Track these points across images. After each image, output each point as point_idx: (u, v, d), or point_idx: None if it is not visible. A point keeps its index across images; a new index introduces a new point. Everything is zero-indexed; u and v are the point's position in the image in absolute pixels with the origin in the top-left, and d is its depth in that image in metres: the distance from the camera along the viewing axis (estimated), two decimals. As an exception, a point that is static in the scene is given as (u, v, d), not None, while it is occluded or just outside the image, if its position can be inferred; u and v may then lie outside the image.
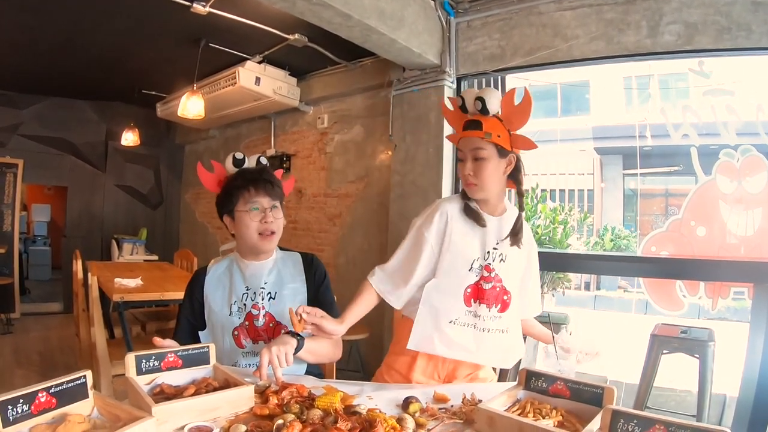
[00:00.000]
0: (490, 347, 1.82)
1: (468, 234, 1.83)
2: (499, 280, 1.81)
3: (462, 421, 1.32)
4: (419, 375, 1.85)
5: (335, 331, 1.69)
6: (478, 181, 1.78)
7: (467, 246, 1.83)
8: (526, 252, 1.91)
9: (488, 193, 1.82)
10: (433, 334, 1.81)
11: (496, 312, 1.81)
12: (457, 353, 1.82)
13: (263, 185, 1.89)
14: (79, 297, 4.22)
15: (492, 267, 1.81)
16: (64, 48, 5.10)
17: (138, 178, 8.35)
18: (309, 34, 4.36)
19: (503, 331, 1.83)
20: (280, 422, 1.15)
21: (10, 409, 1.06)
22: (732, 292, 3.18)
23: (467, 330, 1.81)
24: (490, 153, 1.76)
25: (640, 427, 1.06)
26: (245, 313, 1.89)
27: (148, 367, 1.43)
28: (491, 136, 1.74)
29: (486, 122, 1.75)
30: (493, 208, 1.86)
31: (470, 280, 1.81)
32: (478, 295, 1.81)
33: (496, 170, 1.78)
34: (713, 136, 3.22)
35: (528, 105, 1.73)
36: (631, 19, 3.31)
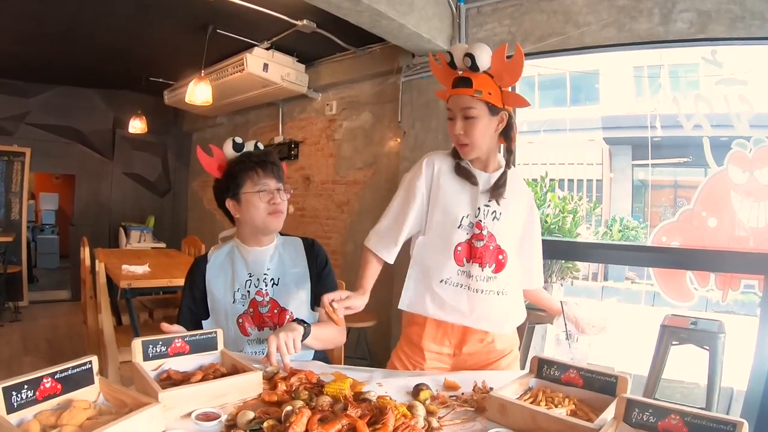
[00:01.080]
0: (484, 310, 1.77)
1: (457, 190, 1.80)
2: (492, 238, 1.76)
3: (473, 408, 1.30)
4: (429, 343, 1.82)
5: (362, 305, 1.67)
6: (469, 141, 1.73)
7: (456, 202, 1.79)
8: (524, 213, 1.86)
9: (479, 151, 1.77)
10: (425, 294, 1.79)
11: (490, 272, 1.76)
12: (450, 315, 1.78)
13: (270, 167, 1.89)
14: (87, 284, 4.24)
15: (483, 224, 1.76)
16: (70, 36, 5.09)
17: (146, 166, 8.37)
18: (317, 20, 4.33)
19: (499, 292, 1.77)
20: (288, 409, 1.13)
21: (14, 395, 1.04)
22: (742, 285, 3.15)
23: (460, 291, 1.76)
24: (481, 111, 1.71)
25: (656, 416, 1.04)
26: (249, 300, 1.88)
27: (155, 352, 1.41)
28: (482, 93, 1.69)
29: (476, 79, 1.70)
30: (485, 165, 1.83)
31: (460, 237, 1.76)
32: (470, 254, 1.76)
33: (488, 128, 1.74)
34: (726, 127, 3.18)
35: (520, 60, 1.68)
36: (644, 6, 3.27)
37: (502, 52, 1.71)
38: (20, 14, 4.51)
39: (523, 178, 2.01)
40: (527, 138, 7.33)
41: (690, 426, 1.00)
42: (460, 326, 1.80)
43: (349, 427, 1.07)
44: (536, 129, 7.73)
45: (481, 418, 1.25)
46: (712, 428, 0.98)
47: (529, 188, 1.91)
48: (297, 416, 1.08)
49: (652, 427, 1.04)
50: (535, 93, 8.08)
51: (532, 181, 4.44)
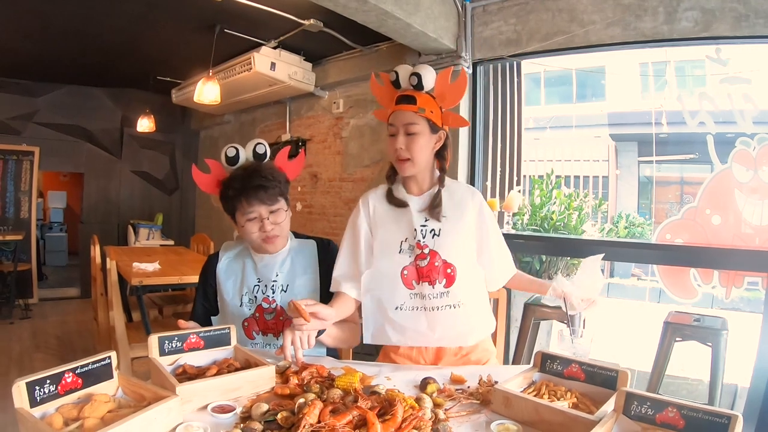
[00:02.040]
0: (445, 326, 1.78)
1: (391, 217, 1.85)
2: (435, 255, 1.77)
3: (478, 401, 1.34)
4: (405, 360, 1.86)
5: (330, 316, 1.65)
6: (410, 155, 1.76)
7: (392, 229, 1.83)
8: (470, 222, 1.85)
9: (419, 168, 1.80)
10: (384, 324, 1.82)
11: (442, 288, 1.76)
12: (411, 339, 1.81)
13: (255, 193, 1.79)
14: (98, 281, 4.29)
15: (424, 243, 1.77)
16: (78, 36, 5.13)
17: (154, 164, 8.42)
18: (324, 19, 4.35)
19: (454, 306, 1.77)
20: (301, 401, 1.18)
21: (37, 389, 1.09)
22: (746, 282, 3.16)
23: (416, 313, 1.78)
24: (423, 128, 1.76)
25: (653, 409, 1.07)
26: (256, 305, 1.89)
27: (170, 348, 1.46)
28: (425, 111, 1.75)
29: (419, 98, 1.77)
30: (419, 186, 1.86)
31: (404, 261, 1.79)
32: (417, 275, 1.78)
33: (428, 145, 1.78)
34: (729, 124, 3.19)
35: (463, 84, 1.79)
36: (648, 5, 3.28)
37: (446, 75, 1.81)
38: (28, 14, 4.55)
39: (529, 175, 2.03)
40: (533, 135, 7.36)
41: (686, 418, 1.03)
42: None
43: (359, 419, 1.11)
44: (542, 126, 7.73)
45: (486, 410, 1.29)
46: (707, 420, 1.01)
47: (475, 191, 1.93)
48: (309, 408, 1.12)
49: (650, 420, 1.07)
50: (541, 90, 8.08)
51: (538, 177, 4.45)
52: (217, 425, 1.16)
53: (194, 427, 1.13)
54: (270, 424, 1.13)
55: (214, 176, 1.92)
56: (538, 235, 3.97)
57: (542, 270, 4.25)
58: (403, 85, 1.81)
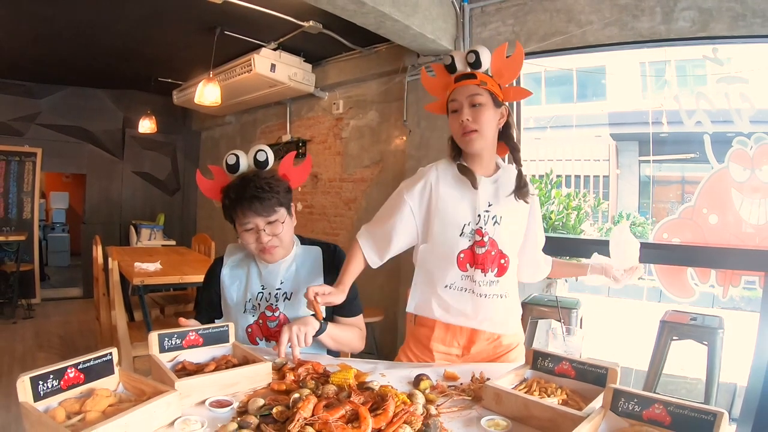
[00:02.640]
0: (488, 312, 1.79)
1: (456, 198, 1.80)
2: (494, 244, 1.77)
3: (470, 398, 1.36)
4: (438, 344, 1.84)
5: (341, 300, 1.68)
6: (477, 126, 1.73)
7: (456, 210, 1.79)
8: (526, 212, 1.86)
9: (486, 142, 1.77)
10: (431, 298, 1.81)
11: (493, 276, 1.77)
12: (455, 318, 1.80)
13: (249, 204, 1.75)
14: (100, 281, 4.31)
15: (485, 231, 1.76)
16: (80, 38, 5.17)
17: (155, 165, 8.46)
18: (323, 20, 4.39)
19: (501, 296, 1.79)
20: (296, 396, 1.21)
21: (41, 384, 1.12)
22: (743, 281, 3.17)
23: (464, 294, 1.78)
24: (487, 99, 1.73)
25: (640, 406, 1.09)
26: (259, 313, 1.88)
27: (170, 345, 1.49)
28: (487, 84, 1.73)
29: (478, 74, 1.75)
30: (485, 168, 1.83)
31: (463, 245, 1.77)
32: (473, 260, 1.77)
33: (493, 119, 1.76)
34: (727, 123, 3.20)
35: (520, 57, 1.76)
36: (646, 5, 3.30)
37: (502, 51, 1.79)
38: (31, 16, 4.59)
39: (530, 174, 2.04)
40: (534, 134, 7.34)
41: (673, 415, 1.05)
42: (468, 328, 1.82)
43: (352, 413, 1.14)
44: (543, 125, 7.73)
45: (478, 406, 1.31)
46: (693, 417, 1.02)
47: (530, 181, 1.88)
48: (304, 402, 1.15)
49: (637, 416, 1.09)
50: (541, 89, 8.08)
51: (538, 178, 4.47)
52: (215, 419, 1.18)
53: (192, 420, 1.15)
54: (265, 418, 1.16)
55: (218, 182, 1.89)
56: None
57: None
58: (459, 67, 1.80)
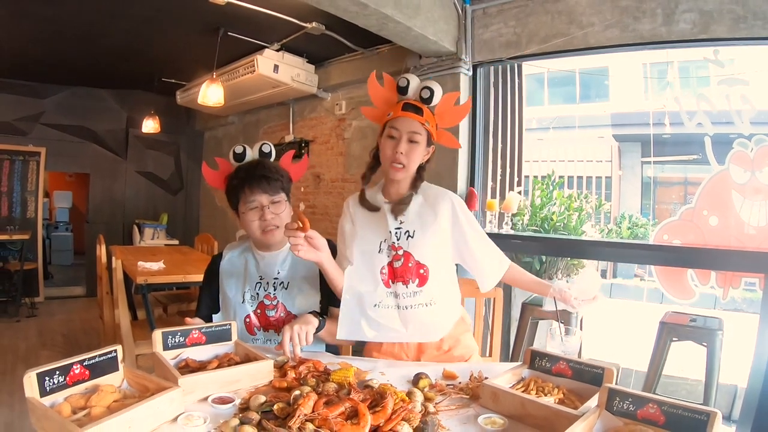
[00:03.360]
0: (417, 323, 1.84)
1: (370, 219, 1.92)
2: (409, 257, 1.85)
3: (468, 396, 1.39)
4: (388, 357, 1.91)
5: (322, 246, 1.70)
6: (407, 162, 1.81)
7: (371, 229, 1.90)
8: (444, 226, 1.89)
9: (408, 175, 1.87)
10: (360, 320, 1.85)
11: (415, 287, 1.84)
12: (386, 335, 1.86)
13: (258, 182, 1.89)
14: (103, 280, 4.34)
15: (398, 245, 1.85)
16: (84, 38, 5.19)
17: (158, 165, 8.50)
18: (326, 22, 4.41)
19: (426, 304, 1.85)
20: (297, 393, 1.23)
21: (47, 380, 1.15)
22: (743, 283, 3.18)
23: (391, 311, 1.85)
24: (423, 139, 1.83)
25: (635, 405, 1.11)
26: (258, 302, 1.95)
27: (173, 342, 1.52)
28: (429, 124, 1.84)
29: (425, 110, 1.84)
30: (398, 191, 1.91)
31: (383, 261, 1.86)
32: (393, 275, 1.85)
33: (421, 156, 1.86)
34: (727, 125, 3.20)
35: (465, 110, 1.91)
36: (647, 7, 3.31)
37: (453, 97, 1.92)
38: (35, 17, 4.61)
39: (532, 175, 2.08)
40: (536, 135, 7.35)
41: (666, 414, 1.06)
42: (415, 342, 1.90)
43: (351, 410, 1.16)
44: (545, 126, 7.73)
45: (475, 404, 1.34)
46: (687, 417, 1.04)
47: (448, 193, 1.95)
48: (304, 399, 1.18)
49: (631, 415, 1.11)
50: (544, 90, 8.08)
51: (540, 179, 4.48)
52: (217, 415, 1.21)
53: (195, 416, 1.18)
54: (267, 414, 1.19)
55: (222, 172, 2.04)
56: (537, 235, 4.00)
57: (542, 270, 4.29)
58: (410, 94, 1.88)
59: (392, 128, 1.84)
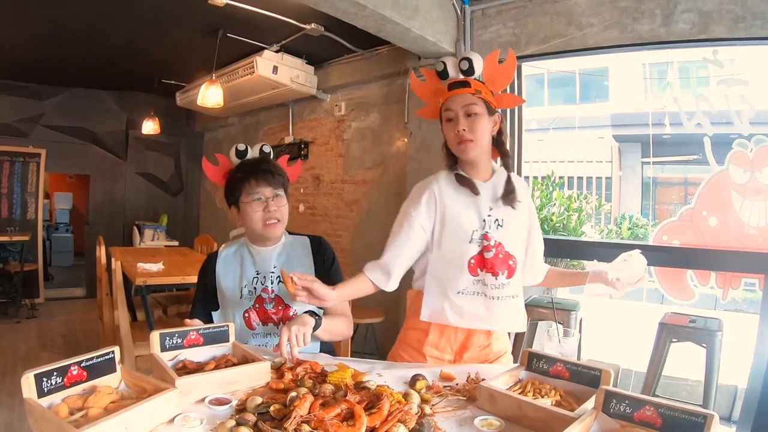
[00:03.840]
0: (502, 313, 1.80)
1: (461, 206, 1.82)
2: (500, 247, 1.79)
3: (465, 398, 1.38)
4: (431, 349, 1.86)
5: (326, 295, 1.66)
6: (473, 136, 1.75)
7: (463, 218, 1.81)
8: (525, 213, 1.88)
9: (481, 150, 1.80)
10: (444, 304, 1.81)
11: (504, 279, 1.79)
12: (470, 322, 1.81)
13: (263, 175, 1.93)
14: (103, 281, 4.34)
15: (490, 235, 1.78)
16: (84, 40, 5.20)
17: (158, 166, 8.51)
18: (325, 23, 4.41)
19: (513, 296, 1.82)
20: (293, 394, 1.23)
21: (44, 381, 1.15)
22: (743, 283, 3.17)
23: (477, 298, 1.79)
24: (482, 109, 1.75)
25: (632, 407, 1.10)
26: (256, 297, 1.96)
27: (171, 344, 1.52)
28: (481, 93, 1.75)
29: (472, 83, 1.77)
30: (483, 173, 1.86)
31: (473, 251, 1.79)
32: (483, 265, 1.78)
33: (488, 127, 1.78)
34: (727, 125, 3.20)
35: (512, 64, 1.76)
36: (646, 8, 3.31)
37: (494, 57, 1.80)
38: (35, 18, 4.62)
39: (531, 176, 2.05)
40: (536, 136, 7.35)
41: (663, 417, 1.05)
42: (464, 333, 1.84)
43: (347, 411, 1.16)
44: (545, 127, 7.74)
45: (472, 406, 1.33)
46: (684, 419, 1.03)
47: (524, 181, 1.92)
48: (301, 401, 1.18)
49: (628, 417, 1.10)
50: (544, 91, 8.07)
51: (540, 179, 4.49)
52: (214, 416, 1.21)
53: (191, 417, 1.18)
54: (263, 415, 1.18)
55: (222, 168, 2.07)
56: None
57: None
58: (451, 74, 1.81)
59: (447, 110, 1.81)
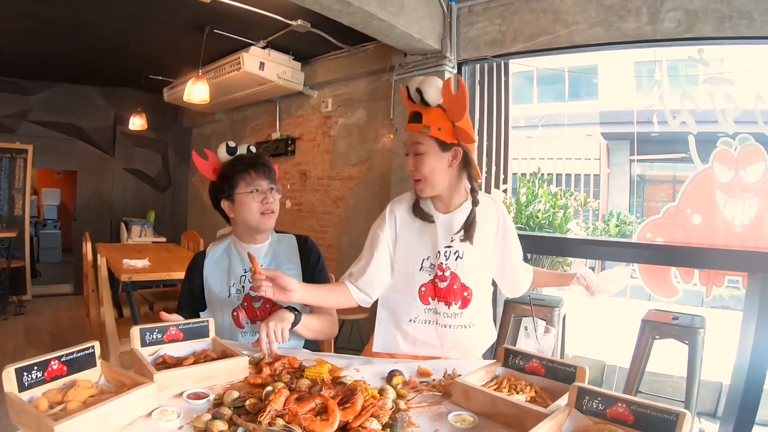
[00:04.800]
0: (454, 342, 1.81)
1: (416, 233, 1.81)
2: (456, 278, 1.77)
3: (441, 393, 1.40)
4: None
5: (290, 284, 1.62)
6: (421, 177, 1.73)
7: (416, 245, 1.80)
8: (493, 238, 1.84)
9: (436, 189, 1.76)
10: (396, 334, 1.85)
11: (456, 309, 1.78)
12: (422, 349, 1.83)
13: (262, 168, 2.00)
14: (89, 278, 4.33)
15: (446, 266, 1.76)
16: (71, 35, 5.16)
17: (146, 162, 8.46)
18: (312, 19, 4.41)
19: (466, 326, 1.80)
20: (269, 389, 1.25)
21: (25, 375, 1.17)
22: (726, 281, 3.19)
23: (428, 327, 1.81)
24: (430, 147, 1.71)
25: (604, 404, 1.11)
26: (244, 295, 1.98)
27: (151, 339, 1.53)
28: (430, 129, 1.69)
29: (427, 114, 1.71)
30: (446, 205, 1.81)
31: (423, 279, 1.79)
32: (434, 294, 1.79)
33: (438, 165, 1.72)
34: (712, 123, 3.22)
35: (463, 93, 1.65)
36: (632, 6, 3.33)
37: (449, 85, 1.69)
38: (22, 14, 4.59)
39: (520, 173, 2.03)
40: (525, 133, 7.38)
41: (636, 414, 1.06)
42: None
43: (321, 406, 1.17)
44: (534, 124, 7.77)
45: (447, 402, 1.35)
46: (656, 417, 1.04)
47: (498, 203, 1.88)
48: (276, 395, 1.19)
49: (600, 414, 1.11)
50: (533, 88, 8.11)
51: (526, 176, 4.50)
52: (191, 410, 1.23)
53: (169, 411, 1.20)
54: (239, 409, 1.20)
55: (212, 163, 2.09)
56: (522, 233, 4.00)
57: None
58: (415, 99, 1.73)
59: (404, 142, 1.80)
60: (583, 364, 1.33)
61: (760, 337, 2.84)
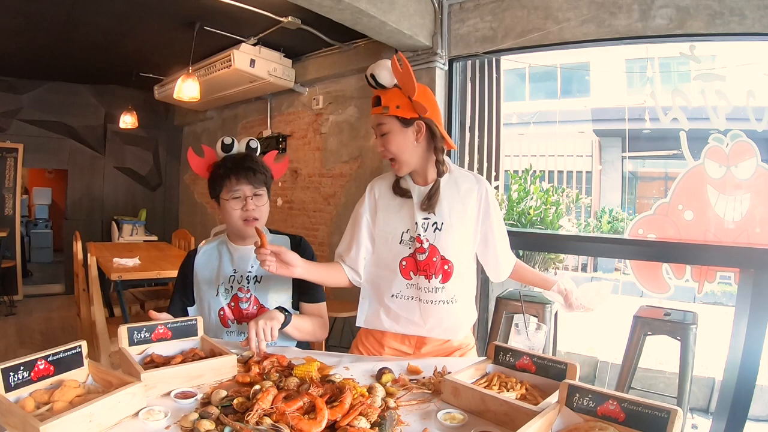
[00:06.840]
0: (436, 319, 1.82)
1: (395, 207, 1.87)
2: (435, 250, 1.79)
3: (430, 391, 1.39)
4: (391, 340, 1.90)
5: (293, 261, 1.69)
6: (390, 154, 1.79)
7: (394, 219, 1.85)
8: (475, 213, 1.86)
9: (410, 165, 1.81)
10: (379, 309, 1.87)
11: (438, 283, 1.80)
12: (404, 327, 1.85)
13: (244, 174, 1.91)
14: (80, 277, 4.30)
15: (424, 237, 1.79)
16: (61, 33, 5.12)
17: (137, 160, 8.41)
18: (302, 16, 4.38)
19: (448, 301, 1.81)
20: (257, 387, 1.24)
21: (11, 375, 1.16)
22: (718, 277, 3.20)
23: (411, 302, 1.82)
24: (392, 126, 1.76)
25: (595, 401, 1.10)
26: (231, 295, 1.96)
27: (139, 338, 1.52)
28: (389, 109, 1.74)
29: (384, 96, 1.76)
30: (423, 177, 1.86)
31: (404, 252, 1.82)
32: (415, 267, 1.81)
33: (404, 141, 1.77)
34: (703, 120, 3.22)
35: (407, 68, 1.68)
36: (623, 3, 3.33)
37: (395, 64, 1.73)
38: (12, 11, 4.54)
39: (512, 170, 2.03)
40: (517, 130, 7.39)
41: (627, 411, 1.05)
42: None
43: (309, 405, 1.16)
44: (526, 121, 7.77)
45: (437, 400, 1.34)
46: (647, 414, 1.03)
47: (481, 179, 1.90)
48: (264, 394, 1.18)
49: (591, 411, 1.10)
50: (525, 85, 8.11)
51: (520, 173, 4.51)
52: (178, 410, 1.22)
53: (156, 411, 1.19)
54: (226, 408, 1.19)
55: (207, 160, 2.05)
56: (514, 230, 4.00)
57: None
58: (373, 85, 1.79)
59: (372, 128, 1.84)
60: (575, 361, 1.33)
61: (752, 333, 2.85)
